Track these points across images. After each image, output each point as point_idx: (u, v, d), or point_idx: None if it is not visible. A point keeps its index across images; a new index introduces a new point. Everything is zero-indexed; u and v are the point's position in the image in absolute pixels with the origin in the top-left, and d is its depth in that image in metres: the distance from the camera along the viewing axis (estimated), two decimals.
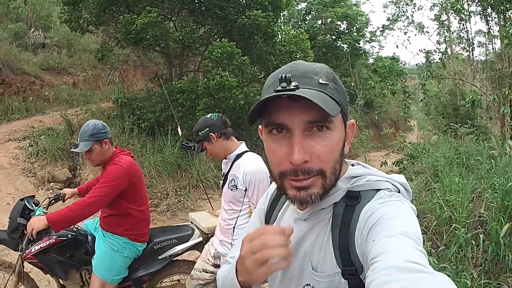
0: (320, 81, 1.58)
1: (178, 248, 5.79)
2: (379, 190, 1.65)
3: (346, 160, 1.79)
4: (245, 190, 4.67)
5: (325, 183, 1.59)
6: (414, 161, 15.65)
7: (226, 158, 4.99)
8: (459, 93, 20.63)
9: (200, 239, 5.88)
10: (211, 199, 13.65)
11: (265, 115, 1.61)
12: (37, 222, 4.89)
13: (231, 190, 4.79)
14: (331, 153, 1.59)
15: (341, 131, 1.64)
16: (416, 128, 35.29)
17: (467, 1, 17.14)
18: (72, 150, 5.42)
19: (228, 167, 4.96)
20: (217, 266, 5.11)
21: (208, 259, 5.23)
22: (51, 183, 12.72)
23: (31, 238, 5.04)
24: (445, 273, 5.69)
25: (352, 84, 27.82)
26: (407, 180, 6.57)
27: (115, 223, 5.39)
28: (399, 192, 1.69)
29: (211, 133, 4.84)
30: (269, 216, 2.09)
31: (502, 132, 14.42)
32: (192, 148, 5.44)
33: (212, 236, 5.62)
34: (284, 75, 1.52)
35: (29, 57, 19.07)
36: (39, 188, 12.28)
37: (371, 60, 35.85)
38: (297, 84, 1.51)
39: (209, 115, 5.07)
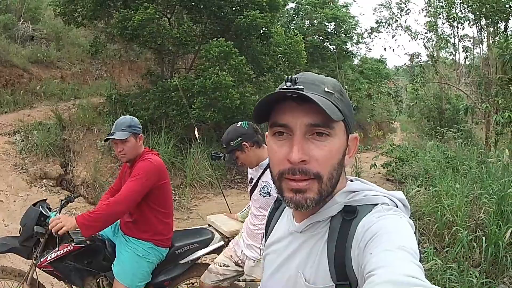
0: (326, 89, 1.65)
1: (200, 252, 5.71)
2: (376, 204, 1.66)
3: (346, 176, 1.83)
4: None
5: (321, 188, 1.62)
6: (403, 164, 15.74)
7: (257, 165, 4.94)
8: (444, 97, 20.75)
9: (222, 243, 5.83)
10: (206, 199, 13.67)
11: (272, 116, 1.67)
12: (69, 222, 4.69)
13: (264, 197, 4.75)
14: (329, 159, 1.63)
15: (342, 140, 1.68)
16: (399, 130, 35.56)
17: (460, 10, 17.22)
18: (106, 138, 5.31)
19: (259, 174, 4.91)
20: (238, 265, 5.16)
21: (231, 255, 5.24)
22: (44, 180, 12.55)
23: (57, 236, 4.89)
24: (450, 272, 5.96)
25: (346, 87, 27.91)
26: (398, 182, 6.72)
27: (140, 227, 5.29)
28: (396, 207, 1.69)
29: (244, 143, 4.79)
30: (267, 228, 2.15)
31: (487, 137, 14.55)
32: (222, 158, 5.31)
33: (232, 239, 5.64)
34: (290, 76, 1.61)
35: (18, 49, 18.80)
36: (32, 185, 12.09)
37: (356, 61, 35.96)
38: (302, 87, 1.56)
39: (239, 123, 5.00)
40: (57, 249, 5.01)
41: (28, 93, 17.34)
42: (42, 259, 5.08)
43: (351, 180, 1.84)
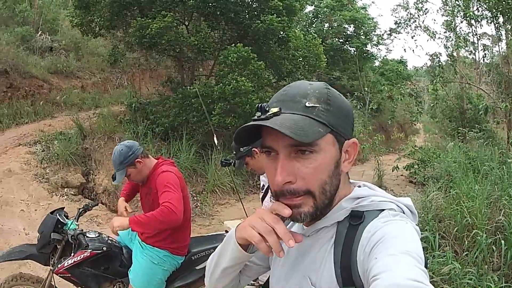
0: (307, 104, 1.61)
1: None
2: (383, 210, 1.66)
3: (354, 181, 1.86)
4: None
5: (316, 202, 1.63)
6: (425, 165, 15.63)
7: None
8: (465, 97, 20.59)
9: None
10: (228, 204, 13.64)
11: (262, 137, 1.68)
12: (120, 221, 4.93)
13: None
14: (317, 175, 1.62)
15: (331, 153, 1.65)
16: (422, 131, 35.38)
17: (477, 7, 17.11)
18: (113, 183, 5.49)
19: None
20: None
21: None
22: (65, 189, 12.59)
23: (74, 242, 5.18)
24: (469, 277, 5.97)
25: (366, 88, 27.86)
26: (420, 184, 6.66)
27: (157, 236, 5.29)
28: (403, 213, 1.69)
29: (255, 148, 4.74)
30: None
31: (508, 137, 14.43)
32: (232, 164, 5.28)
33: None
34: (260, 104, 1.62)
35: (37, 60, 19.01)
36: (53, 194, 12.17)
37: (377, 63, 35.92)
38: (279, 109, 1.59)
39: None
40: (74, 255, 5.05)
41: (49, 104, 17.52)
42: (59, 266, 5.18)
43: (360, 186, 1.83)
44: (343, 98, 1.74)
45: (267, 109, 1.59)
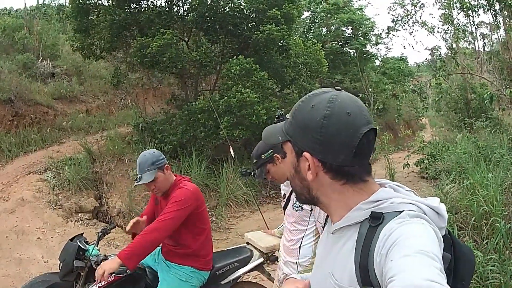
0: (287, 116, 1.95)
1: (241, 271, 5.78)
2: (402, 211, 1.67)
3: (384, 181, 1.93)
4: (311, 210, 4.52)
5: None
6: (435, 159, 15.61)
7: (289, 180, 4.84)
8: (469, 87, 20.60)
9: (261, 259, 5.88)
10: (243, 217, 13.64)
11: None
12: (109, 264, 4.68)
13: (296, 211, 4.66)
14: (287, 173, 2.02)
15: (290, 157, 1.94)
16: (429, 126, 35.37)
17: None
18: (136, 184, 5.31)
19: (291, 188, 4.81)
20: None
21: (277, 285, 5.16)
22: (79, 214, 12.57)
23: (100, 281, 4.94)
24: (492, 263, 6.01)
25: (370, 89, 27.87)
26: (432, 178, 6.68)
27: (181, 253, 5.33)
28: (425, 214, 1.70)
29: (276, 154, 4.62)
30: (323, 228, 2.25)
31: None
32: (252, 174, 5.26)
33: (271, 254, 5.79)
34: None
35: (40, 87, 19.06)
36: (68, 220, 12.10)
37: (378, 63, 35.87)
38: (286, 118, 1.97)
39: None
40: (98, 281, 5.05)
41: (55, 130, 17.53)
42: None
43: (386, 187, 1.87)
44: (311, 113, 1.79)
45: (277, 116, 2.14)
